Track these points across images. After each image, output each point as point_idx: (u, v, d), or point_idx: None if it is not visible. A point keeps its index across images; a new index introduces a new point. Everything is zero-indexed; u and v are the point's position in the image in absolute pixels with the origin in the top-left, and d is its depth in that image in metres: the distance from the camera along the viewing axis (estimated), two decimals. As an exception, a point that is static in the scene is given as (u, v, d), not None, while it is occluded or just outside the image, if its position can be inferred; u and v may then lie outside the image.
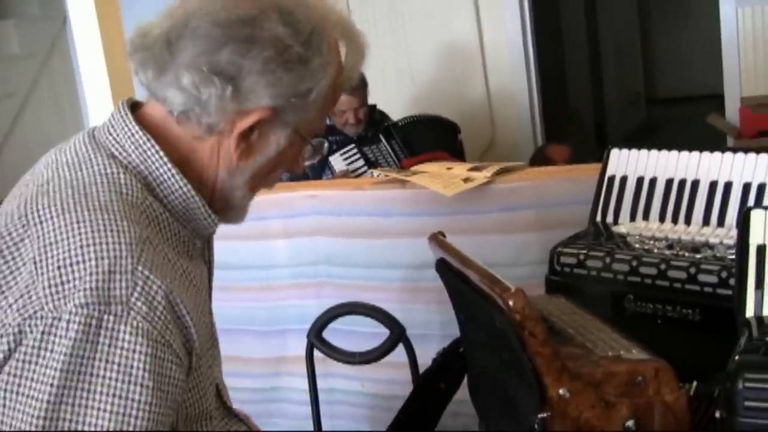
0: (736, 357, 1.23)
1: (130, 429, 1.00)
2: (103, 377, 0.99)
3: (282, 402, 2.62)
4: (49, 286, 1.01)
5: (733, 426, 1.19)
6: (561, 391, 1.25)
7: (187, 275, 1.14)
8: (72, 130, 4.85)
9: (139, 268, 1.03)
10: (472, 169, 2.28)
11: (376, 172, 2.62)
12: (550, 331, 1.36)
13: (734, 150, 1.75)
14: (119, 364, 1.00)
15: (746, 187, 1.69)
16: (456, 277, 1.45)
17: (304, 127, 1.23)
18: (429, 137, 4.07)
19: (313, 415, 2.33)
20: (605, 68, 7.42)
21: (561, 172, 2.31)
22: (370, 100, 4.13)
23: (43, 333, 1.00)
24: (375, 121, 4.14)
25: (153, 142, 1.17)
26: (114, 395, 1.00)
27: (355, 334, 2.23)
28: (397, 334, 2.03)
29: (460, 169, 2.32)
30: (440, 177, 2.25)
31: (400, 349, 2.17)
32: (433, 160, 2.73)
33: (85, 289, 1.00)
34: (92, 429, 0.99)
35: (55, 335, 0.99)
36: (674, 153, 1.81)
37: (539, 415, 1.26)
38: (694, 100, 7.40)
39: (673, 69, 8.81)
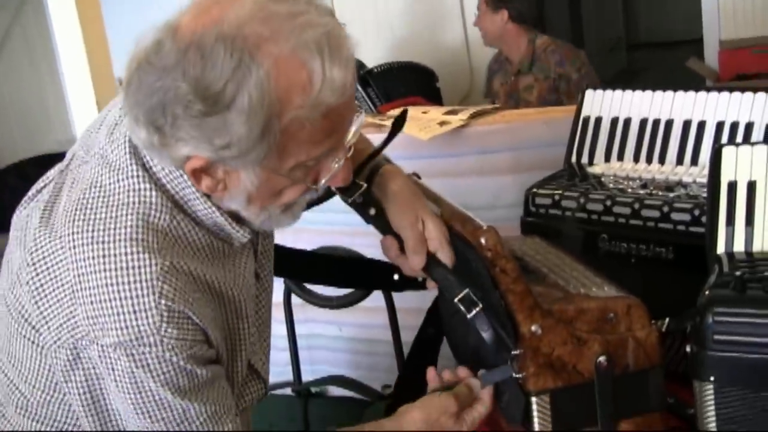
0: (707, 292, 1.24)
1: (200, 400, 1.18)
2: (163, 383, 1.15)
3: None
4: (87, 317, 1.13)
5: (702, 359, 1.21)
6: (533, 328, 1.26)
7: (210, 287, 1.21)
8: (48, 82, 4.80)
9: (162, 302, 1.12)
10: (447, 113, 2.28)
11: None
12: (524, 270, 1.37)
13: (708, 89, 1.75)
14: (173, 370, 1.14)
15: (719, 126, 1.70)
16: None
17: (276, 164, 1.14)
18: (405, 84, 4.05)
19: (292, 360, 2.35)
20: (585, 13, 7.38)
21: (536, 114, 2.31)
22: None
23: (100, 356, 1.14)
24: (352, 68, 4.11)
25: None
26: (179, 388, 1.16)
27: (334, 279, 2.23)
28: (374, 278, 2.03)
29: (435, 112, 2.32)
30: (416, 121, 2.24)
31: (378, 293, 2.18)
32: (409, 105, 2.72)
33: (115, 329, 1.12)
34: (174, 413, 1.16)
35: (111, 359, 1.14)
36: (648, 93, 1.81)
37: (512, 352, 1.27)
38: (675, 45, 7.38)
39: (653, 13, 8.77)
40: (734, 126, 1.67)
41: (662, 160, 1.76)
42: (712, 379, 1.20)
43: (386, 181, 1.43)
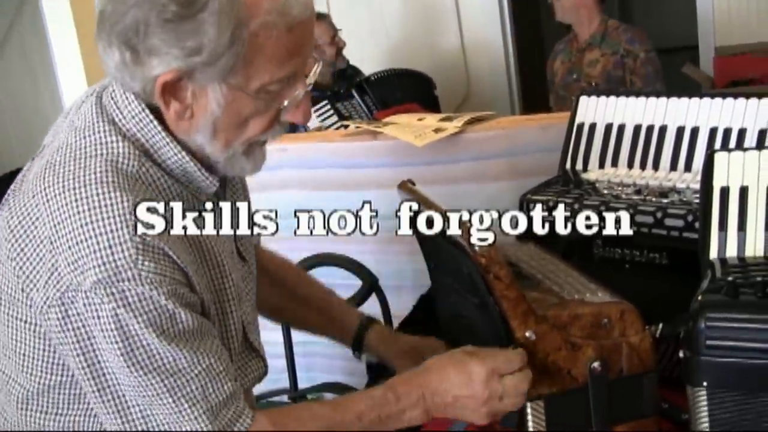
0: (699, 297, 1.25)
1: (190, 349, 1.17)
2: (146, 323, 1.15)
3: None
4: (68, 264, 1.14)
5: (695, 364, 1.21)
6: (527, 334, 1.27)
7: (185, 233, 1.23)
8: (43, 85, 4.81)
9: (137, 234, 1.14)
10: (443, 120, 2.28)
11: (352, 126, 2.61)
12: (518, 276, 1.38)
13: (701, 95, 1.75)
14: (154, 309, 1.15)
15: (712, 132, 1.70)
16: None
17: (243, 81, 1.19)
18: (403, 91, 4.06)
19: (288, 367, 2.35)
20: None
21: (531, 120, 2.31)
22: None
23: (85, 305, 1.15)
24: (348, 76, 4.12)
25: (147, 111, 1.22)
26: (164, 331, 1.16)
27: (329, 285, 2.23)
28: (369, 284, 2.04)
29: (431, 119, 2.32)
30: (411, 127, 2.24)
31: (374, 299, 2.18)
32: (405, 112, 2.72)
33: (94, 267, 1.13)
34: (165, 362, 1.16)
35: (95, 305, 1.14)
36: (642, 99, 1.81)
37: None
38: (672, 51, 7.40)
39: (649, 20, 8.79)
40: (727, 132, 1.68)
41: (656, 166, 1.76)
42: (705, 384, 1.21)
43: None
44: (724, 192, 1.40)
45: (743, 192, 1.39)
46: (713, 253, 1.38)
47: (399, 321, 2.20)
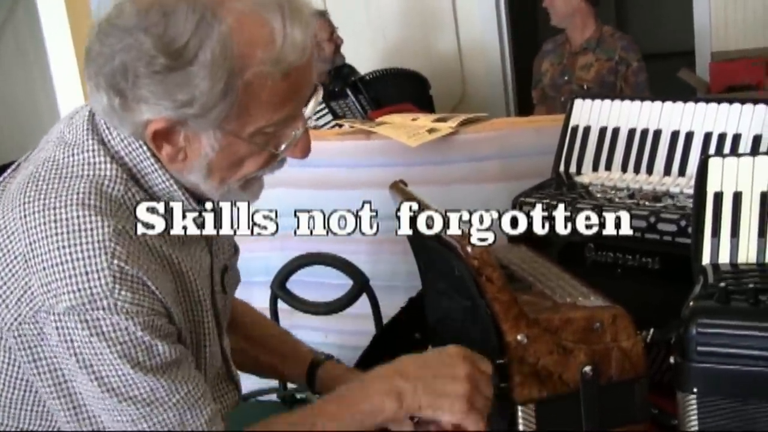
0: (691, 303, 1.25)
1: (168, 378, 1.14)
2: (121, 354, 1.11)
3: (248, 354, 2.62)
4: (41, 285, 1.11)
5: (686, 370, 1.21)
6: (519, 337, 1.26)
7: (169, 261, 1.19)
8: (38, 81, 4.80)
9: (115, 261, 1.10)
10: (437, 120, 2.27)
11: (346, 125, 2.60)
12: (510, 279, 1.37)
13: (696, 100, 1.75)
14: (130, 341, 1.11)
15: (707, 137, 1.70)
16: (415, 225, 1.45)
17: (237, 127, 1.15)
18: (397, 91, 4.06)
19: (279, 366, 2.33)
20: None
21: (525, 122, 2.31)
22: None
23: (57, 329, 1.11)
24: (344, 75, 4.11)
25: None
26: (139, 363, 1.12)
27: (320, 285, 2.22)
28: (360, 284, 2.03)
29: (425, 119, 2.31)
30: (405, 127, 2.23)
31: (365, 300, 2.17)
32: (399, 112, 2.71)
33: (68, 292, 1.09)
34: (141, 391, 1.13)
35: (68, 329, 1.11)
36: (637, 103, 1.81)
37: (497, 361, 1.27)
38: (668, 56, 7.41)
39: (646, 25, 8.81)
40: (722, 137, 1.68)
41: (650, 171, 1.76)
42: (695, 390, 1.21)
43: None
44: (718, 197, 1.40)
45: (737, 198, 1.39)
46: (706, 259, 1.38)
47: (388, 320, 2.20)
